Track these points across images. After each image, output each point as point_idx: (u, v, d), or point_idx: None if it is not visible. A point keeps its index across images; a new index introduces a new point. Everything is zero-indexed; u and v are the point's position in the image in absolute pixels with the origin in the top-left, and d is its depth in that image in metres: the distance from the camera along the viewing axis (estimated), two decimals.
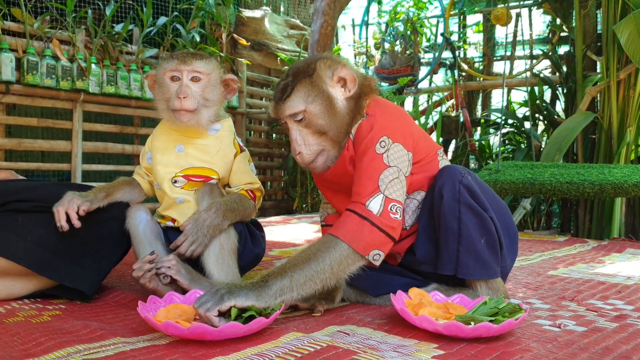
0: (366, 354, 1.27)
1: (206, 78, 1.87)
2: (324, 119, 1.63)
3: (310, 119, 1.63)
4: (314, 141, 1.65)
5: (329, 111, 1.63)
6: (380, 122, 1.63)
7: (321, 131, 1.63)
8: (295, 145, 1.65)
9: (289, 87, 1.64)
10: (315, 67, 1.65)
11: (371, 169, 1.58)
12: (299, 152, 1.65)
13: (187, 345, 1.33)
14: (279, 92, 1.66)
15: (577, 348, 1.36)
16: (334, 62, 1.67)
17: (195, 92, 1.85)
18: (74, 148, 4.47)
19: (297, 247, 3.26)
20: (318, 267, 1.48)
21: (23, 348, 1.32)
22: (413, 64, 6.14)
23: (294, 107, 1.63)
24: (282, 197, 6.54)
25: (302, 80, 1.64)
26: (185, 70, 1.84)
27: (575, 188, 3.64)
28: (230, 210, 1.82)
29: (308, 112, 1.62)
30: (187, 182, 1.89)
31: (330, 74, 1.65)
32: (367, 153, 1.60)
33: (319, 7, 5.06)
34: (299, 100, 1.63)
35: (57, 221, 1.73)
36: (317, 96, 1.63)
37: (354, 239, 1.51)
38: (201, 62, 1.87)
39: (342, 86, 1.66)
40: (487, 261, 1.66)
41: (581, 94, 4.86)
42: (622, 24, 4.08)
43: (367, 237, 1.52)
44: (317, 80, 1.64)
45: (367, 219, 1.53)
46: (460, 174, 1.66)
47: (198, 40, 5.08)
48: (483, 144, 6.03)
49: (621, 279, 2.33)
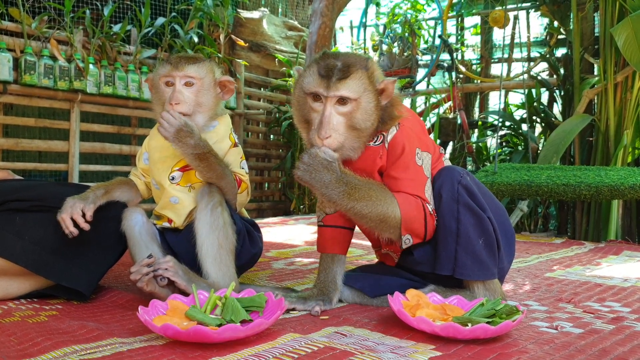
0: (363, 355, 1.27)
1: (199, 82, 1.87)
2: (364, 116, 1.60)
3: (354, 110, 1.59)
4: (343, 132, 1.60)
5: (372, 110, 1.61)
6: (409, 134, 1.68)
7: (354, 126, 1.60)
8: (327, 127, 1.57)
9: (344, 69, 1.58)
10: (369, 64, 1.63)
11: (419, 181, 1.67)
12: (329, 136, 1.57)
13: (184, 346, 1.32)
14: (329, 69, 1.58)
15: (574, 350, 1.36)
16: (379, 70, 1.68)
17: (189, 97, 1.85)
18: (71, 148, 4.46)
19: (294, 248, 3.26)
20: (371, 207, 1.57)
21: (19, 348, 1.32)
22: (411, 66, 6.14)
23: (350, 90, 1.58)
24: (280, 199, 6.53)
25: (360, 71, 1.60)
26: (178, 75, 1.85)
27: (571, 190, 3.65)
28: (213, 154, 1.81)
29: (358, 102, 1.59)
30: (182, 175, 1.89)
31: (379, 78, 1.65)
32: (410, 166, 1.66)
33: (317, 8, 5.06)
34: (356, 87, 1.58)
35: (65, 228, 1.72)
36: (370, 92, 1.61)
37: (408, 215, 1.61)
38: (194, 67, 1.87)
39: (382, 93, 1.64)
40: (484, 262, 1.66)
41: (578, 96, 4.87)
42: (620, 27, 4.09)
43: (415, 223, 1.64)
44: (372, 78, 1.62)
45: (424, 211, 1.64)
46: (459, 175, 1.68)
47: (196, 41, 5.08)
48: (480, 146, 6.03)
49: (618, 281, 2.33)
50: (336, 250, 1.86)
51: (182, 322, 1.42)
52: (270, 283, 2.20)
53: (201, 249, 1.80)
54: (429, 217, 1.66)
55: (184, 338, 1.32)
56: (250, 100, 6.09)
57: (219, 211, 1.80)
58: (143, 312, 1.41)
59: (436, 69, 6.25)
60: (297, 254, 3.01)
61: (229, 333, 1.32)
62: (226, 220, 1.81)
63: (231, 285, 1.58)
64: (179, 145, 1.76)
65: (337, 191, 1.53)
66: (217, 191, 1.85)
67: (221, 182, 1.86)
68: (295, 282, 2.24)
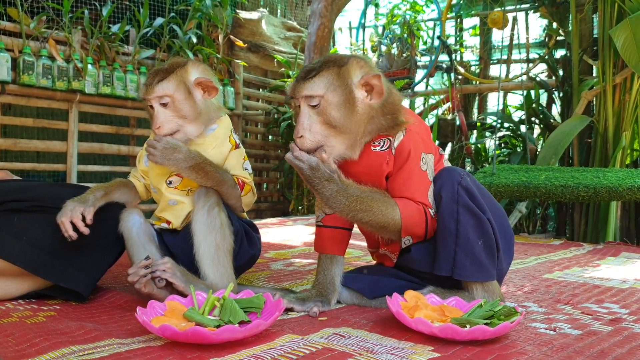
0: (362, 356, 1.26)
1: (172, 99, 1.85)
2: (337, 112, 1.60)
3: (324, 107, 1.60)
4: (319, 131, 1.61)
5: (346, 107, 1.60)
6: (416, 139, 1.70)
7: (331, 123, 1.60)
8: (299, 127, 1.60)
9: (315, 70, 1.62)
10: (348, 62, 1.64)
11: (423, 186, 1.69)
12: (301, 136, 1.60)
13: (182, 347, 1.32)
14: (304, 72, 1.65)
15: (572, 351, 1.36)
16: (367, 66, 1.67)
17: (169, 116, 1.85)
18: (70, 149, 4.45)
19: (293, 249, 3.25)
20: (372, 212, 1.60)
21: (17, 349, 1.31)
22: (410, 67, 6.15)
23: (314, 89, 1.60)
24: (278, 199, 6.53)
25: (330, 68, 1.62)
26: (151, 99, 1.85)
27: (569, 191, 3.65)
28: (207, 162, 1.82)
29: (325, 99, 1.60)
30: (181, 180, 1.89)
31: (359, 74, 1.64)
32: (415, 171, 1.68)
33: (316, 9, 5.06)
34: (321, 84, 1.60)
35: (64, 232, 1.72)
36: (338, 87, 1.60)
37: (409, 221, 1.64)
38: (161, 85, 1.84)
39: (367, 91, 1.64)
40: (483, 263, 1.66)
41: (577, 97, 4.87)
42: (618, 29, 4.09)
43: (416, 227, 1.67)
44: (345, 74, 1.62)
45: (426, 215, 1.67)
46: (459, 176, 1.68)
47: (195, 41, 5.07)
48: (479, 147, 6.04)
49: (616, 282, 2.33)
50: (335, 250, 1.85)
51: (180, 323, 1.42)
52: (269, 284, 2.20)
53: (199, 250, 1.79)
54: (430, 220, 1.68)
55: (182, 339, 1.32)
56: (249, 100, 6.09)
57: (215, 212, 1.79)
58: (141, 313, 1.40)
59: (435, 70, 6.25)
60: (296, 255, 3.01)
61: (227, 334, 1.32)
62: (223, 221, 1.81)
63: (229, 286, 1.58)
64: (169, 163, 1.78)
65: (339, 202, 1.58)
66: (214, 192, 1.84)
67: (222, 188, 1.86)
68: (293, 283, 2.24)
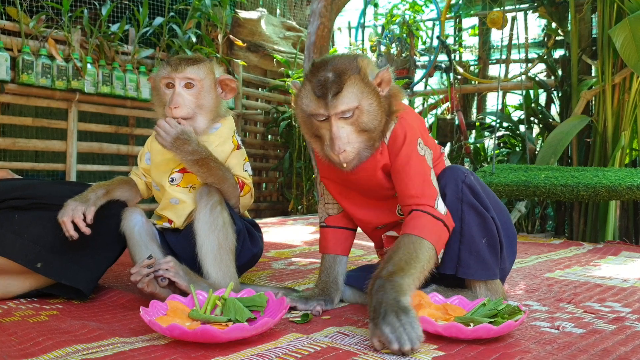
0: (366, 355, 1.26)
1: (199, 84, 1.86)
2: (370, 116, 1.58)
3: (359, 116, 1.56)
4: (356, 140, 1.58)
5: (376, 109, 1.58)
6: (411, 124, 1.65)
7: (364, 129, 1.58)
8: (339, 143, 1.55)
9: (336, 83, 1.55)
10: (358, 64, 1.60)
11: (421, 172, 1.62)
12: (343, 151, 1.56)
13: (186, 346, 1.32)
14: (323, 87, 1.55)
15: (576, 350, 1.36)
16: (371, 63, 1.65)
17: (189, 100, 1.84)
18: (69, 148, 4.44)
19: (293, 248, 3.25)
20: (422, 265, 1.51)
21: (20, 348, 1.31)
22: (409, 67, 6.15)
23: (348, 103, 1.55)
24: (278, 199, 6.53)
25: (352, 77, 1.56)
26: (177, 77, 1.84)
27: (569, 191, 3.65)
28: (212, 158, 1.81)
29: (360, 108, 1.56)
30: (183, 177, 1.89)
31: (373, 73, 1.62)
32: (413, 157, 1.63)
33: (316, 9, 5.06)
34: (353, 96, 1.55)
35: (66, 232, 1.72)
36: (368, 93, 1.57)
37: (437, 241, 1.57)
38: (193, 68, 1.85)
39: (379, 86, 1.62)
40: (487, 262, 1.66)
41: (576, 97, 4.88)
42: (617, 28, 4.10)
43: (443, 238, 1.60)
44: (364, 77, 1.59)
45: (440, 219, 1.59)
46: (463, 174, 1.68)
47: (194, 41, 5.07)
48: (478, 147, 6.04)
49: (617, 281, 2.33)
50: (338, 251, 1.85)
51: (184, 322, 1.42)
52: (271, 283, 2.20)
53: (201, 249, 1.79)
54: (446, 219, 1.61)
55: (191, 338, 1.31)
56: (248, 100, 6.08)
57: (218, 210, 1.79)
58: (145, 313, 1.40)
59: (434, 70, 6.25)
60: (297, 254, 3.01)
61: (237, 332, 1.31)
62: (226, 220, 1.80)
63: (230, 285, 1.57)
64: (176, 152, 1.77)
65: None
66: (217, 191, 1.84)
67: (223, 186, 1.86)
68: (295, 282, 2.24)
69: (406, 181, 1.62)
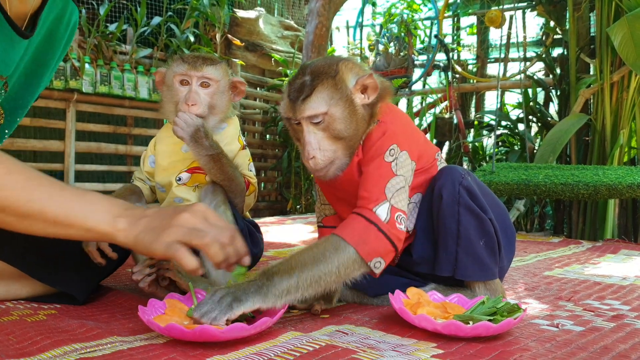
0: (365, 353, 1.26)
1: (216, 85, 1.86)
2: (343, 124, 1.54)
3: (329, 123, 1.53)
4: (329, 146, 1.55)
5: (349, 116, 1.54)
6: (391, 129, 1.59)
7: (338, 136, 1.55)
8: (309, 149, 1.54)
9: (308, 87, 1.53)
10: (338, 68, 1.56)
11: (377, 175, 1.54)
12: (312, 157, 1.54)
13: (185, 345, 1.31)
14: (296, 91, 1.53)
15: (575, 347, 1.36)
16: (357, 67, 1.61)
17: (204, 99, 1.84)
18: (67, 148, 4.44)
19: (292, 247, 3.25)
20: (325, 269, 1.43)
21: (18, 347, 1.31)
22: (407, 66, 6.15)
23: (315, 107, 1.52)
24: (276, 198, 6.53)
25: (325, 81, 1.53)
26: (195, 76, 1.83)
27: (569, 189, 3.65)
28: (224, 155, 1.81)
29: (329, 115, 1.52)
30: (190, 176, 1.89)
31: (353, 79, 1.57)
32: (375, 160, 1.56)
33: (314, 8, 5.06)
34: (321, 101, 1.52)
35: (94, 259, 1.70)
36: (339, 99, 1.53)
37: (359, 242, 1.46)
38: (211, 68, 1.85)
39: (362, 92, 1.58)
40: (485, 263, 1.66)
41: (575, 96, 4.88)
42: (616, 27, 4.10)
43: (372, 243, 1.47)
44: (340, 83, 1.54)
45: (374, 223, 1.48)
46: (460, 175, 1.65)
47: (192, 40, 5.07)
48: (476, 146, 6.04)
49: (617, 279, 2.33)
50: None
51: (182, 321, 1.41)
52: None
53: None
54: (383, 225, 1.49)
55: (189, 338, 1.31)
56: (247, 99, 6.08)
57: (222, 210, 1.79)
58: (143, 312, 1.40)
59: (432, 69, 6.26)
60: None
61: (235, 332, 1.31)
62: (229, 219, 1.80)
63: (228, 284, 1.56)
64: (195, 146, 1.75)
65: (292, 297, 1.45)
66: (221, 190, 1.84)
67: (231, 184, 1.86)
68: None
69: (362, 183, 1.57)
